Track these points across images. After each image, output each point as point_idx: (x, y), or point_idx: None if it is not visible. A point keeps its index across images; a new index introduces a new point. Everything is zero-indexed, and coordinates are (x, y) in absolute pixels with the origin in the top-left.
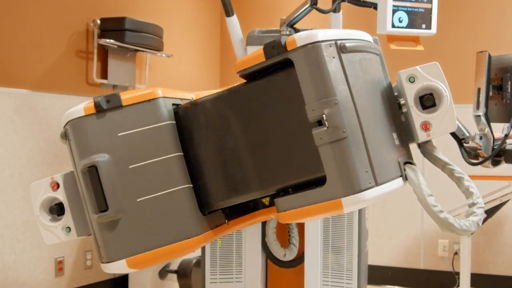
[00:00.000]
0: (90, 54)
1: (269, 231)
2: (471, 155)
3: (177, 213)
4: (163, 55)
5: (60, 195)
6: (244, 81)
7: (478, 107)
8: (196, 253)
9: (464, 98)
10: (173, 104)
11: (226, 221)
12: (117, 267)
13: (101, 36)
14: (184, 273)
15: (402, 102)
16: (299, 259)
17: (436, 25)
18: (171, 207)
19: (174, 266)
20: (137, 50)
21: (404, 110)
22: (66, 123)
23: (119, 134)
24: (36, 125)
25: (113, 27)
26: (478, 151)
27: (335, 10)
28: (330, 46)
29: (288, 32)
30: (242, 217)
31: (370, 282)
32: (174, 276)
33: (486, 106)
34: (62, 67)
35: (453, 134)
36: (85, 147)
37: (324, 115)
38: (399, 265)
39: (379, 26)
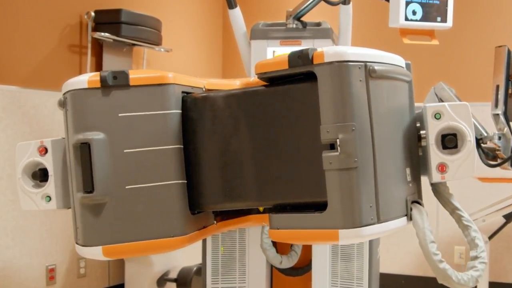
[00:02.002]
0: (83, 48)
1: (263, 236)
2: (489, 156)
3: (164, 208)
4: (162, 49)
5: (47, 162)
6: (262, 83)
7: (496, 105)
8: (196, 261)
9: (482, 95)
10: (182, 92)
11: (215, 221)
12: (92, 253)
13: (95, 29)
14: (184, 281)
15: (423, 134)
16: (307, 266)
17: (452, 18)
18: (160, 201)
19: (174, 274)
20: (133, 44)
21: (423, 144)
22: (67, 92)
23: (120, 115)
24: (26, 124)
25: (108, 20)
26: (497, 152)
27: (345, 2)
28: (359, 68)
29: (294, 25)
30: (232, 219)
31: None
32: (173, 284)
33: (505, 104)
34: (54, 62)
35: None
36: (82, 122)
37: (338, 140)
38: (413, 273)
39: (392, 19)
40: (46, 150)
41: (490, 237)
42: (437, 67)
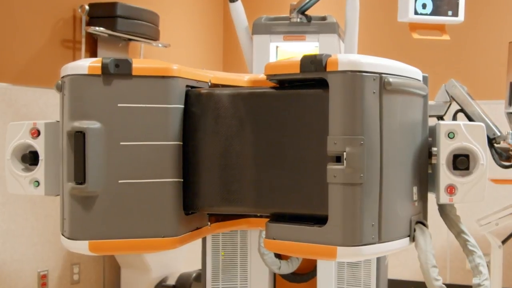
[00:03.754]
0: (77, 43)
1: (260, 240)
2: (502, 156)
3: (157, 207)
4: (159, 45)
5: (38, 145)
6: (270, 84)
7: (510, 103)
8: (196, 266)
9: (495, 93)
10: (187, 86)
11: (209, 223)
12: (77, 247)
13: (89, 23)
14: (183, 286)
15: (435, 152)
16: (311, 272)
17: (463, 11)
18: (153, 199)
19: (172, 280)
20: (130, 39)
21: (433, 161)
22: (65, 76)
23: (119, 105)
24: None
25: (103, 14)
26: (510, 153)
27: None
28: (373, 79)
29: (299, 19)
30: (227, 221)
31: None
32: None
33: None
34: (46, 58)
35: None
36: (78, 109)
37: (345, 153)
38: (423, 279)
39: (401, 13)
40: (38, 133)
41: (504, 241)
42: (448, 63)
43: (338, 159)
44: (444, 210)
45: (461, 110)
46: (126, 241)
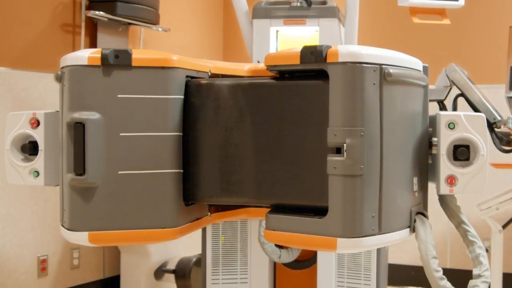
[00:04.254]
0: (77, 28)
1: (260, 229)
2: (503, 141)
3: (157, 198)
4: (159, 29)
5: (38, 135)
6: (270, 74)
7: (511, 87)
8: (196, 251)
9: (496, 77)
10: (187, 76)
11: (209, 213)
12: (77, 238)
13: (89, 7)
14: (182, 273)
15: (435, 142)
16: (312, 259)
17: None
18: (153, 190)
19: (172, 265)
20: (130, 24)
21: (434, 151)
22: (65, 67)
23: (118, 96)
24: (16, 107)
25: None
26: (511, 137)
27: None
28: (374, 70)
29: (299, 4)
30: (226, 211)
31: (390, 282)
32: (172, 276)
33: None
34: (45, 42)
35: None
36: (78, 100)
37: (345, 144)
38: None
39: None
40: (38, 123)
41: (504, 226)
42: (448, 47)
43: (338, 151)
44: (445, 201)
45: (462, 95)
46: (126, 232)
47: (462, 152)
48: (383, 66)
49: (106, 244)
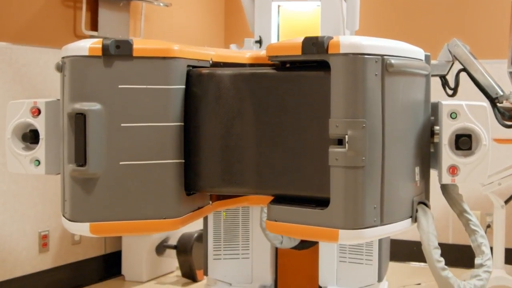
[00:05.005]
0: (78, 2)
1: (262, 215)
2: (505, 116)
3: (159, 188)
4: (161, 4)
5: (38, 124)
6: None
7: None
8: (197, 226)
9: (498, 52)
10: (188, 66)
11: (210, 202)
12: (78, 229)
13: None
14: (184, 248)
15: (437, 131)
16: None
17: None
18: (155, 180)
19: (173, 241)
20: None
21: (435, 140)
22: (66, 57)
23: (119, 86)
24: (17, 83)
25: None
26: None
27: None
28: (375, 61)
29: None
30: (228, 200)
31: (392, 258)
32: (173, 252)
33: None
34: (47, 17)
35: (485, 93)
36: (79, 91)
37: (347, 136)
38: None
39: None
40: (39, 112)
41: (507, 201)
42: (450, 22)
43: (340, 142)
44: (447, 189)
45: (464, 70)
46: (127, 223)
47: (464, 142)
48: (385, 57)
49: (108, 235)
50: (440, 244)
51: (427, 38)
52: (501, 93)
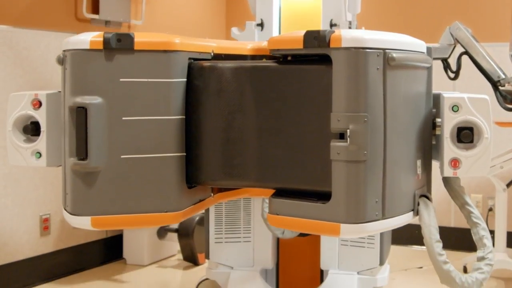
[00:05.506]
0: None
1: (264, 205)
2: (507, 99)
3: (160, 182)
4: None
5: (40, 116)
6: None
7: None
8: None
9: (500, 35)
10: (189, 58)
11: (212, 194)
12: (80, 223)
13: None
14: (185, 232)
15: (438, 123)
16: None
17: None
18: (156, 174)
19: (174, 224)
20: None
21: (437, 132)
22: (67, 50)
23: (121, 80)
24: (18, 66)
25: None
26: None
27: None
28: (377, 55)
29: None
30: (229, 191)
31: (394, 242)
32: (175, 235)
33: None
34: (48, 0)
35: (487, 76)
36: (80, 84)
37: (348, 130)
38: None
39: None
40: (40, 104)
41: (508, 185)
42: (452, 5)
43: (342, 136)
44: (448, 181)
45: (466, 53)
46: (129, 217)
47: (466, 135)
48: (387, 50)
49: (109, 228)
50: (442, 228)
51: (429, 21)
52: (503, 76)
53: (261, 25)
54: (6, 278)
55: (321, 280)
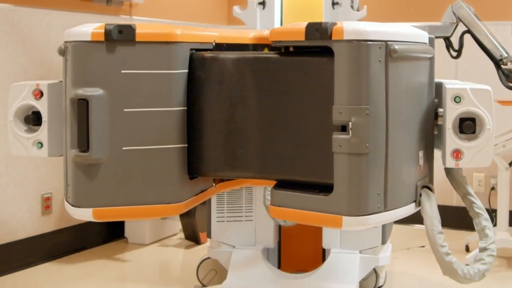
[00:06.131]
0: None
1: (265, 193)
2: (509, 78)
3: (162, 173)
4: None
5: (41, 106)
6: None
7: None
8: None
9: (502, 14)
10: (191, 49)
11: (214, 184)
12: (81, 215)
13: None
14: (187, 211)
15: (441, 113)
16: None
17: None
18: (158, 165)
19: None
20: None
21: (439, 122)
22: (68, 42)
23: (122, 71)
24: (20, 44)
25: None
26: None
27: None
28: (379, 48)
29: None
30: (231, 181)
31: (396, 221)
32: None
33: None
34: None
35: (489, 55)
36: (82, 76)
37: (350, 123)
38: None
39: None
40: (41, 94)
41: (511, 164)
42: None
43: (344, 129)
44: (450, 171)
45: (468, 31)
46: (130, 208)
47: (468, 126)
48: (389, 42)
49: (111, 220)
50: (444, 207)
51: None
52: (506, 55)
53: (263, 3)
54: (7, 257)
55: (323, 259)
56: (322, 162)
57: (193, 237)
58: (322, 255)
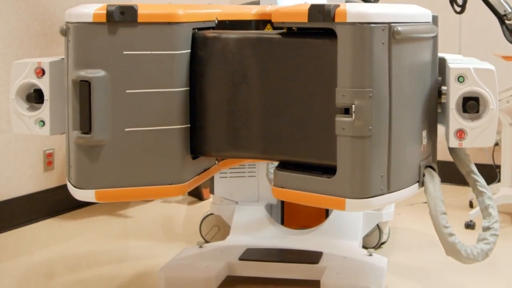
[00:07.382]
0: None
1: (269, 166)
2: None
3: (165, 154)
4: None
5: (43, 84)
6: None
7: None
8: None
9: None
10: (193, 29)
11: (216, 161)
12: (84, 196)
13: None
14: None
15: (444, 91)
16: None
17: None
18: (161, 146)
19: None
20: None
21: (443, 100)
22: (70, 23)
23: (124, 52)
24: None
25: None
26: None
27: None
28: (382, 30)
29: None
30: (234, 158)
31: None
32: None
33: None
34: None
35: (493, 10)
36: (84, 58)
37: (353, 105)
38: None
39: None
40: (43, 72)
41: None
42: None
43: (347, 111)
44: (454, 149)
45: None
46: (133, 189)
47: (471, 106)
48: (392, 24)
49: (114, 201)
50: (448, 163)
51: None
52: (510, 10)
53: None
54: (9, 213)
55: (327, 215)
56: (325, 143)
57: (195, 193)
58: (326, 211)
